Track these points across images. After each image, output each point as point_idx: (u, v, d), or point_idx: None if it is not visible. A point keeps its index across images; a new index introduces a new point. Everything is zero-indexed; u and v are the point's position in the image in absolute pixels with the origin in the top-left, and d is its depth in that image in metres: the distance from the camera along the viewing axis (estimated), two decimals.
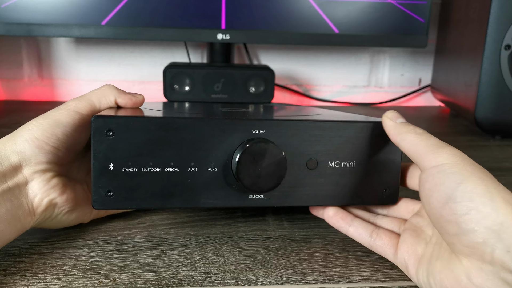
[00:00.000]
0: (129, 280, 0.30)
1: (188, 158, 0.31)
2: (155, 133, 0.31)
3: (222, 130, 0.31)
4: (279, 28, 0.75)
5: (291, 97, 0.99)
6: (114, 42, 0.93)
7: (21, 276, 0.30)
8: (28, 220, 0.32)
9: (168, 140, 0.31)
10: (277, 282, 0.30)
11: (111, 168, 0.30)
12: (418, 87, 1.02)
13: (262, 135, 0.32)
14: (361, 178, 0.35)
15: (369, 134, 0.34)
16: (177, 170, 0.31)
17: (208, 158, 0.32)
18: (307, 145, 0.33)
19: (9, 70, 0.93)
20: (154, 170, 0.31)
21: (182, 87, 0.76)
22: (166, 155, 0.31)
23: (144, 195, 0.31)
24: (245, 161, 0.31)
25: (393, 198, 0.36)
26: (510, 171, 0.56)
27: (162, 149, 0.31)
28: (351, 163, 0.34)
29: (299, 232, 0.37)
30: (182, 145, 0.31)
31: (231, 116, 0.33)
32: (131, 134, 0.30)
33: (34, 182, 0.32)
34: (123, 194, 0.31)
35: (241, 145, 0.31)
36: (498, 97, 0.68)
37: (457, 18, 0.81)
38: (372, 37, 0.77)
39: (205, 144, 0.31)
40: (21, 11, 0.70)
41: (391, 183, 0.35)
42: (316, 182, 0.34)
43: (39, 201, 0.32)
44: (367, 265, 0.32)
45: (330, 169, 0.34)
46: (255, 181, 0.31)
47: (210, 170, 0.32)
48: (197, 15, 0.73)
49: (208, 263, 0.32)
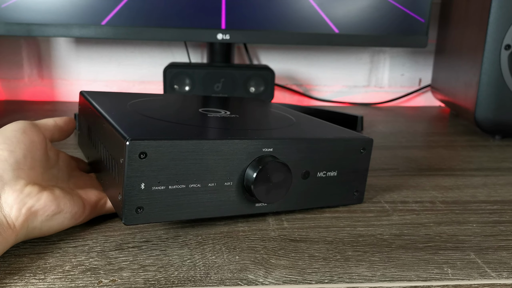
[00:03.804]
0: (129, 280, 0.30)
1: (209, 174, 0.34)
2: (183, 154, 0.33)
3: (238, 149, 0.35)
4: (279, 28, 0.75)
5: (291, 97, 0.99)
6: (114, 42, 0.93)
7: (21, 276, 0.30)
8: (9, 233, 0.30)
9: (193, 159, 0.34)
10: (277, 282, 0.30)
11: (142, 187, 0.32)
12: (418, 87, 1.02)
13: (270, 152, 0.37)
14: (340, 184, 0.41)
15: (349, 148, 0.41)
16: (199, 185, 0.34)
17: (225, 173, 0.35)
18: (304, 158, 0.39)
19: (9, 70, 0.93)
20: (179, 187, 0.34)
21: (182, 87, 0.76)
22: (190, 173, 0.34)
23: (171, 209, 0.34)
24: (259, 179, 0.35)
25: (361, 199, 0.43)
26: (510, 171, 0.56)
27: (187, 167, 0.33)
28: (334, 172, 0.41)
29: (299, 232, 0.37)
30: (204, 162, 0.34)
31: (246, 136, 0.36)
32: (161, 155, 0.32)
33: (7, 195, 0.31)
34: (152, 210, 0.33)
35: (253, 162, 0.36)
36: (498, 97, 0.68)
37: (457, 18, 0.81)
38: (372, 37, 0.77)
39: (223, 161, 0.35)
40: (21, 11, 0.70)
41: (359, 187, 0.43)
42: (307, 189, 0.40)
43: (17, 212, 0.31)
44: (367, 265, 0.32)
45: (318, 178, 0.40)
46: (268, 194, 0.36)
47: (226, 184, 0.35)
48: (197, 15, 0.73)
49: (208, 263, 0.32)
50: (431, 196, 0.46)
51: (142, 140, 0.31)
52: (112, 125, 0.34)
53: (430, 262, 0.33)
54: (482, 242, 0.36)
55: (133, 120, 0.37)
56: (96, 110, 0.40)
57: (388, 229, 0.38)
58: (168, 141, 0.32)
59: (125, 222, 0.32)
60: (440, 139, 0.71)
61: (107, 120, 0.36)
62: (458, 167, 0.56)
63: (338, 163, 0.40)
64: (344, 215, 0.41)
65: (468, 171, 0.55)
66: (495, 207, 0.44)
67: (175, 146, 0.32)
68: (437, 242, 0.36)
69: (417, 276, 0.31)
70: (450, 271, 0.32)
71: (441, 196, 0.46)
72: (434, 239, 0.37)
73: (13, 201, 0.31)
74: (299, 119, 0.49)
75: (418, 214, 0.42)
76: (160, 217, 0.33)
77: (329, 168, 0.40)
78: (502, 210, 0.43)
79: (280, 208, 0.39)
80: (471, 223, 0.40)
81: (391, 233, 0.38)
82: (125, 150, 0.31)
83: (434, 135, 0.74)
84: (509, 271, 0.32)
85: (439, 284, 0.30)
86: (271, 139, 0.37)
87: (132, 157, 0.31)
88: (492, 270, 0.32)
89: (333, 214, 0.41)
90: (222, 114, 0.45)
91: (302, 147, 0.38)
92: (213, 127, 0.40)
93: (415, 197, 0.46)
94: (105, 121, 0.36)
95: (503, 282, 0.31)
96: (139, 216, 0.32)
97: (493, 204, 0.45)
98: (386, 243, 0.36)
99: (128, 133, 0.32)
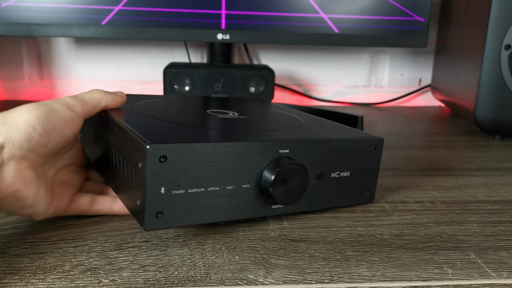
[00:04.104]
0: (129, 280, 0.30)
1: (227, 177, 0.34)
2: (202, 157, 0.33)
3: (256, 151, 0.35)
4: (279, 28, 0.75)
5: (291, 97, 0.99)
6: (114, 42, 0.93)
7: (21, 276, 0.30)
8: None
9: (212, 161, 0.33)
10: (277, 282, 0.30)
11: (162, 191, 0.32)
12: (418, 87, 1.02)
13: (286, 153, 0.36)
14: (353, 184, 0.41)
15: (361, 148, 0.41)
16: (217, 189, 0.34)
17: (243, 175, 0.35)
18: (319, 159, 0.39)
19: (9, 70, 0.93)
20: (199, 190, 0.33)
21: (182, 87, 0.76)
22: (208, 176, 0.33)
23: (190, 213, 0.33)
24: (277, 181, 0.35)
25: (372, 198, 0.43)
26: (510, 171, 0.56)
27: (206, 170, 0.33)
28: (347, 172, 0.41)
29: (299, 232, 0.37)
30: (223, 165, 0.34)
31: (263, 138, 0.36)
32: (181, 158, 0.32)
33: (8, 168, 0.31)
34: (171, 214, 0.33)
35: (271, 164, 0.36)
36: (498, 97, 0.68)
37: (457, 18, 0.81)
38: (372, 37, 0.77)
39: (241, 163, 0.35)
40: (21, 11, 0.70)
41: (371, 187, 0.43)
42: (321, 190, 0.40)
43: (4, 187, 0.30)
44: (367, 265, 0.32)
45: (332, 179, 0.40)
46: (285, 196, 0.36)
47: (244, 186, 0.35)
48: (197, 15, 0.73)
49: (208, 263, 0.32)
50: (431, 196, 0.46)
51: (163, 143, 0.31)
52: (128, 129, 0.34)
53: (430, 262, 0.33)
54: (482, 242, 0.37)
55: (148, 123, 0.37)
56: (105, 113, 0.40)
57: (388, 229, 0.38)
58: (188, 144, 0.32)
59: (145, 228, 0.32)
60: (440, 139, 0.71)
61: (120, 124, 0.36)
62: (458, 167, 0.56)
63: (351, 163, 0.40)
64: (344, 215, 0.41)
65: (468, 171, 0.55)
66: (495, 207, 0.44)
67: (194, 149, 0.32)
68: (437, 242, 0.36)
69: (417, 276, 0.31)
70: (450, 271, 0.32)
71: (441, 196, 0.46)
72: (434, 239, 0.37)
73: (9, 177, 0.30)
74: (307, 119, 0.49)
75: (418, 214, 0.42)
76: (179, 221, 0.33)
77: (342, 168, 0.40)
78: (502, 210, 0.43)
79: (296, 209, 0.39)
80: (471, 223, 0.40)
81: (391, 233, 0.38)
82: (145, 154, 0.30)
83: (434, 135, 0.74)
84: (509, 271, 0.32)
85: (439, 284, 0.30)
86: (287, 140, 0.37)
87: (152, 160, 0.31)
88: (492, 270, 0.32)
89: (333, 214, 0.41)
90: (231, 115, 0.45)
91: (317, 147, 0.38)
92: (228, 129, 0.39)
93: (415, 197, 0.46)
94: (118, 125, 0.36)
95: (503, 282, 0.31)
96: (159, 221, 0.32)
97: (493, 204, 0.45)
98: (386, 243, 0.36)
99: (147, 136, 0.32)
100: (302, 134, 0.40)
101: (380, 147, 0.42)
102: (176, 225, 0.33)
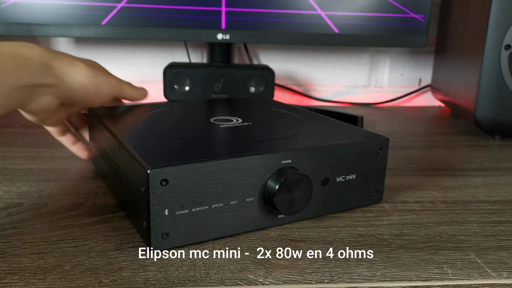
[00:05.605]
0: (129, 280, 0.30)
1: (230, 192, 0.34)
2: (203, 176, 0.33)
3: (257, 164, 0.35)
4: (279, 28, 0.75)
5: (291, 97, 0.99)
6: (114, 42, 0.93)
7: (21, 276, 0.30)
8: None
9: (214, 179, 0.33)
10: (277, 282, 0.30)
11: (166, 213, 0.32)
12: (418, 87, 1.02)
13: (289, 164, 0.36)
14: (359, 186, 0.41)
15: (366, 150, 0.40)
16: (221, 205, 0.34)
17: (246, 189, 0.35)
18: (323, 165, 0.38)
19: None
20: (203, 208, 0.33)
21: (182, 87, 0.76)
22: (211, 193, 0.34)
23: (196, 231, 0.34)
24: (281, 192, 0.35)
25: (380, 198, 0.43)
26: (510, 171, 0.56)
27: (208, 188, 0.33)
28: (352, 176, 0.40)
29: (299, 232, 0.37)
30: (225, 181, 0.34)
31: (264, 150, 0.36)
32: (183, 180, 0.32)
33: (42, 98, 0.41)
34: (177, 234, 0.33)
35: (273, 175, 0.35)
36: (498, 97, 0.68)
37: (457, 18, 0.81)
38: (372, 37, 0.77)
39: (243, 177, 0.35)
40: (21, 11, 0.70)
41: (378, 187, 0.42)
42: (327, 195, 0.39)
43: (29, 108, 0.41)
44: (367, 265, 0.32)
45: (338, 183, 0.40)
46: (290, 206, 0.36)
47: (248, 200, 0.35)
48: (197, 15, 0.73)
49: (208, 263, 0.32)
50: (431, 196, 0.46)
51: (162, 167, 0.31)
52: (129, 152, 0.34)
53: (430, 262, 0.33)
54: (482, 242, 0.37)
55: (149, 142, 0.38)
56: (110, 132, 0.40)
57: (388, 229, 0.38)
58: (188, 165, 0.32)
59: (153, 249, 0.32)
60: (440, 139, 0.71)
61: (123, 145, 0.36)
62: (458, 167, 0.56)
63: (356, 166, 0.40)
64: (344, 215, 0.41)
65: (468, 171, 0.55)
66: (495, 207, 0.44)
67: (195, 169, 0.32)
68: (437, 242, 0.36)
69: (417, 276, 0.31)
70: (450, 271, 0.32)
71: (441, 196, 0.46)
72: (434, 239, 0.37)
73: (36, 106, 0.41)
74: (310, 119, 0.48)
75: (418, 214, 0.42)
76: (185, 239, 0.33)
77: (348, 171, 0.40)
78: (502, 210, 0.43)
79: (302, 217, 0.39)
80: (471, 223, 0.40)
81: (391, 233, 0.38)
82: (146, 178, 0.31)
83: (434, 135, 0.74)
84: (509, 271, 0.32)
85: (439, 284, 0.30)
86: (289, 150, 0.36)
87: (154, 185, 0.31)
88: (492, 270, 0.32)
89: (333, 214, 0.41)
90: (234, 122, 0.45)
91: (319, 154, 0.38)
92: (230, 141, 0.40)
93: (415, 197, 0.46)
94: (121, 146, 0.36)
95: (503, 282, 0.31)
96: (165, 242, 0.33)
97: (493, 204, 0.45)
98: (386, 243, 0.36)
99: (147, 160, 0.32)
100: (305, 141, 0.40)
101: (385, 147, 0.42)
102: (183, 243, 0.33)
